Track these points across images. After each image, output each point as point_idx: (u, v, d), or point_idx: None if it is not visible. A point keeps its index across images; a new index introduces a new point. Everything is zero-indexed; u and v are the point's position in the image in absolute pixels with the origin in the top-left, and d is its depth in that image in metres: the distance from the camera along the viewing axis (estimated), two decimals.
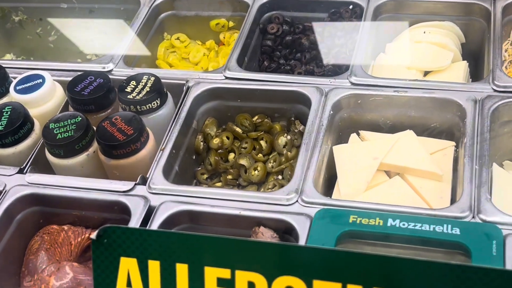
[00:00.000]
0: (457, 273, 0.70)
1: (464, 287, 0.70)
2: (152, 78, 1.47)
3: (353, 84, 1.47)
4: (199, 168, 1.52)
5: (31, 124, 1.45)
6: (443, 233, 1.11)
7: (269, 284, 0.77)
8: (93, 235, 0.80)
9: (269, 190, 1.40)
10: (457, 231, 1.11)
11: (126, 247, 0.81)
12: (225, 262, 0.78)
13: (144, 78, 1.47)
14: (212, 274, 0.79)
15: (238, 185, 1.49)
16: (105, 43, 1.96)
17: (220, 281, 0.79)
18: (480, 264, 0.72)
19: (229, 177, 1.49)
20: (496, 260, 1.05)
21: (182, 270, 0.80)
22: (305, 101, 1.46)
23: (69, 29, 2.00)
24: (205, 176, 1.51)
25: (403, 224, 1.14)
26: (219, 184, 1.49)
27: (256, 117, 1.53)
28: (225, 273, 0.78)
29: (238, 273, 0.78)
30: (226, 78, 1.54)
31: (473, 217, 1.16)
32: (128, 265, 0.81)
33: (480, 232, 1.11)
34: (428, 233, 1.12)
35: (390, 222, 1.14)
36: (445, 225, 1.12)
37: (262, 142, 1.51)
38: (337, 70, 1.61)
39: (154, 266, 0.81)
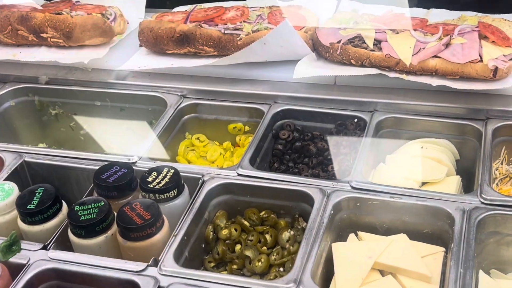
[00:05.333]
0: None
1: None
2: (172, 170, 1.62)
3: (353, 188, 1.61)
4: (207, 256, 1.63)
5: (59, 205, 1.60)
6: None
7: None
8: None
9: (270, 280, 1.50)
10: None
11: None
12: None
13: (164, 170, 1.63)
14: None
15: (242, 275, 1.59)
16: (132, 138, 2.14)
17: None
18: None
19: (234, 266, 1.60)
20: None
21: None
22: (309, 200, 1.60)
23: (100, 124, 2.17)
24: (212, 264, 1.62)
25: None
26: (224, 272, 1.60)
27: (263, 212, 1.67)
28: None
29: None
30: (239, 175, 1.70)
31: None
32: None
33: None
34: None
35: None
36: None
37: (267, 236, 1.63)
38: (340, 176, 1.76)
39: None
